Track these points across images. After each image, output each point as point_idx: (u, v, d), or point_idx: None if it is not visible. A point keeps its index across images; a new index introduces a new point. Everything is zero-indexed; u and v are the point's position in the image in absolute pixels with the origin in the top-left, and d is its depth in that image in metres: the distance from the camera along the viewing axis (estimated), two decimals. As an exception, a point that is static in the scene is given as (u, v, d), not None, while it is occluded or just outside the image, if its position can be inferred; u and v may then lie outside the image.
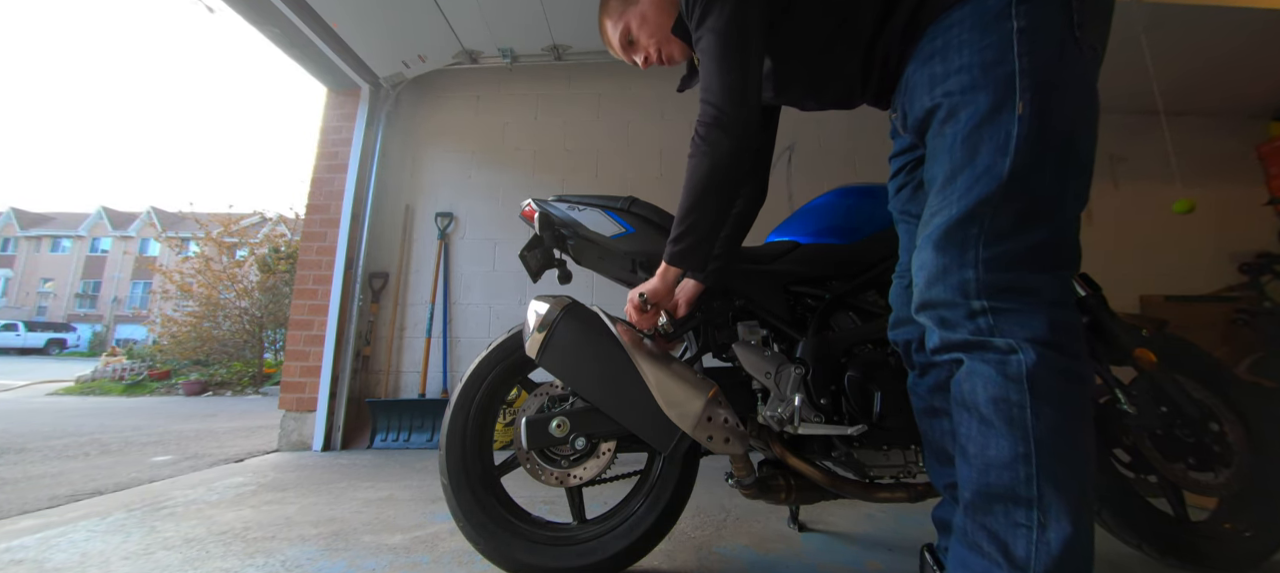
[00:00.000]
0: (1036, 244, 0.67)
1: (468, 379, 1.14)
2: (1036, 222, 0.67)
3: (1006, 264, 0.67)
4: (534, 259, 1.26)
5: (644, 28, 1.03)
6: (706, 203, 0.88)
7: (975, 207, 0.67)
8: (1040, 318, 0.65)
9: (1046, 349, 0.64)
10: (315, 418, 2.77)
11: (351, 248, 2.97)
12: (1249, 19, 2.57)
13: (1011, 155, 0.65)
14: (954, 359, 0.71)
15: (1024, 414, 0.63)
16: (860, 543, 1.32)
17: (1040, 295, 0.66)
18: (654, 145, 3.24)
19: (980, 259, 0.67)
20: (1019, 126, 0.65)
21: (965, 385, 0.69)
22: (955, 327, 0.69)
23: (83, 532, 1.43)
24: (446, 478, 1.09)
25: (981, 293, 0.67)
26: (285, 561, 1.21)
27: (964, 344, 0.68)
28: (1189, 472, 1.09)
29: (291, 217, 12.48)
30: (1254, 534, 1.08)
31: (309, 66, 3.00)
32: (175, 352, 8.68)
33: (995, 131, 0.67)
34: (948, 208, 0.70)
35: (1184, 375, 1.13)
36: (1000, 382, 0.65)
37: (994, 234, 0.67)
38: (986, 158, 0.67)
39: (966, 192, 0.68)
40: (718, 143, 0.84)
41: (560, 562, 1.05)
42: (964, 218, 0.68)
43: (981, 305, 0.67)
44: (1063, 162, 0.67)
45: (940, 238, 0.71)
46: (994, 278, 0.67)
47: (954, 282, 0.69)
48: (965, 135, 0.69)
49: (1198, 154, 3.32)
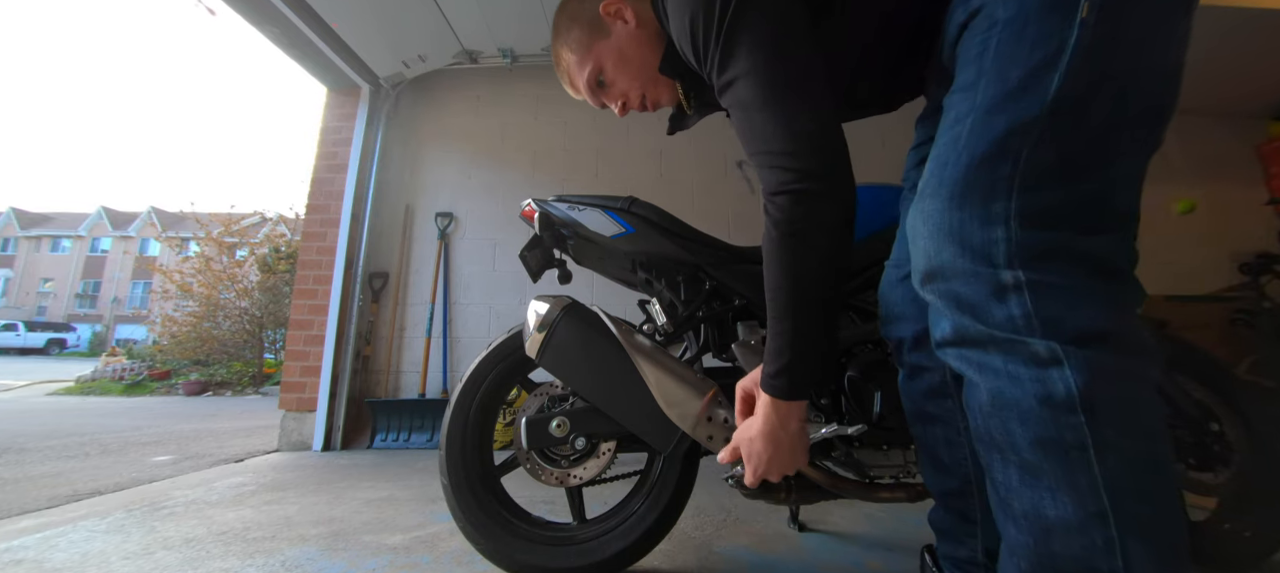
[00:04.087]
0: (1090, 196, 0.49)
1: (468, 379, 1.14)
2: (1089, 166, 0.49)
3: (1050, 219, 0.48)
4: (534, 259, 1.26)
5: (623, 68, 0.83)
6: (817, 307, 0.63)
7: (1007, 136, 0.49)
8: (1097, 299, 0.47)
9: (1105, 349, 0.46)
10: (315, 418, 2.77)
11: (351, 248, 2.97)
12: (1249, 19, 2.57)
13: (1063, 71, 0.48)
14: (963, 361, 0.53)
15: (1087, 457, 0.44)
16: (860, 543, 1.32)
17: (1096, 264, 0.48)
18: (654, 146, 3.24)
19: (1013, 212, 0.49)
20: (1079, 34, 0.47)
21: (990, 419, 0.50)
22: (976, 310, 0.50)
23: (83, 532, 1.43)
24: (446, 478, 1.09)
25: (1016, 260, 0.48)
26: (285, 561, 1.21)
27: (986, 341, 0.50)
28: (1189, 472, 1.09)
29: (291, 217, 12.50)
30: (1254, 534, 1.08)
31: (309, 66, 3.00)
32: (175, 352, 8.69)
33: (1044, 36, 0.49)
34: (966, 139, 0.52)
35: (1184, 375, 1.12)
36: (1044, 415, 0.46)
37: (1033, 177, 0.49)
38: (1028, 70, 0.49)
39: (995, 114, 0.50)
40: (815, 217, 0.61)
41: (560, 562, 1.05)
42: (991, 153, 0.50)
43: (1015, 278, 0.48)
44: (1131, 91, 0.49)
45: (959, 182, 0.52)
46: (1033, 238, 0.48)
47: (976, 243, 0.50)
48: (1002, 39, 0.51)
49: (1198, 154, 3.32)
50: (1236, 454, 1.08)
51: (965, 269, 0.51)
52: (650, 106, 0.87)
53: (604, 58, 0.84)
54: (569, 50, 0.87)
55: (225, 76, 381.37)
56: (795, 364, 0.65)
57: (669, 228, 1.22)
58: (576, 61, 0.86)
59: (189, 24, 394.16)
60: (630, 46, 0.83)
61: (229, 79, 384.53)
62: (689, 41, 0.67)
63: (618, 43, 0.83)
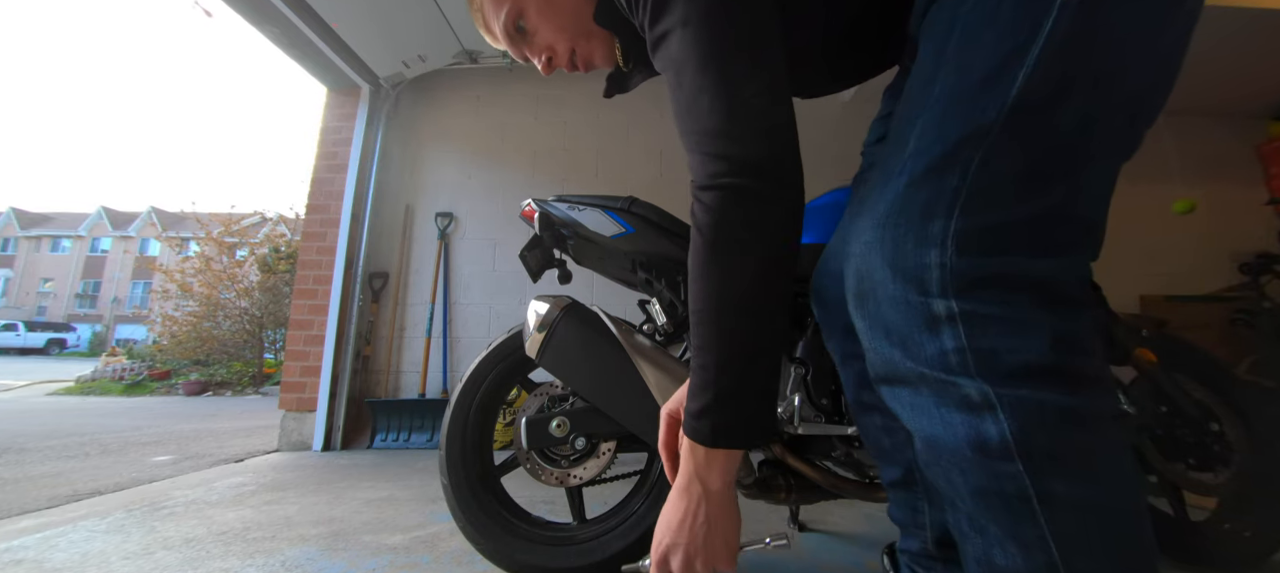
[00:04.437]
0: (1046, 213, 0.42)
1: (468, 379, 1.14)
2: (1051, 178, 0.42)
3: (993, 242, 0.42)
4: (534, 259, 1.26)
5: (547, 15, 0.69)
6: (753, 335, 0.50)
7: (959, 144, 0.42)
8: (1039, 331, 0.40)
9: (1042, 388, 0.40)
10: (315, 418, 2.77)
11: (351, 248, 2.97)
12: (1249, 19, 2.57)
13: (1032, 64, 0.40)
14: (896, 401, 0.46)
15: (1030, 507, 0.39)
16: (860, 543, 1.32)
17: (1043, 292, 0.41)
18: (654, 145, 3.24)
19: (951, 232, 0.42)
20: (1057, 19, 0.39)
21: (929, 466, 0.45)
22: (907, 344, 0.44)
23: (83, 532, 1.43)
24: (446, 478, 1.09)
25: (949, 288, 0.41)
26: (285, 561, 1.21)
27: (917, 379, 0.43)
28: (1189, 472, 1.09)
29: (292, 217, 12.50)
30: (1254, 534, 1.08)
31: (309, 66, 3.00)
32: (175, 352, 8.70)
33: (1018, 19, 0.41)
34: (913, 145, 0.45)
35: (1184, 375, 1.13)
36: (981, 465, 0.40)
37: (981, 192, 0.42)
38: (993, 63, 0.41)
39: (949, 117, 0.43)
40: (757, 222, 0.49)
41: (560, 562, 1.05)
42: (938, 165, 0.43)
43: (947, 309, 0.41)
44: (1106, 88, 0.41)
45: (898, 197, 0.45)
46: (971, 265, 0.41)
47: (907, 268, 0.43)
48: (970, 22, 0.44)
49: (1198, 154, 3.32)
50: (1236, 454, 1.08)
51: (895, 296, 0.44)
52: (582, 66, 0.72)
53: (526, 3, 0.69)
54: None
55: (225, 77, 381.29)
56: (722, 404, 0.51)
57: (669, 228, 1.22)
58: (491, 4, 0.70)
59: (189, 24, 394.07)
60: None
61: (229, 79, 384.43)
62: None
63: None
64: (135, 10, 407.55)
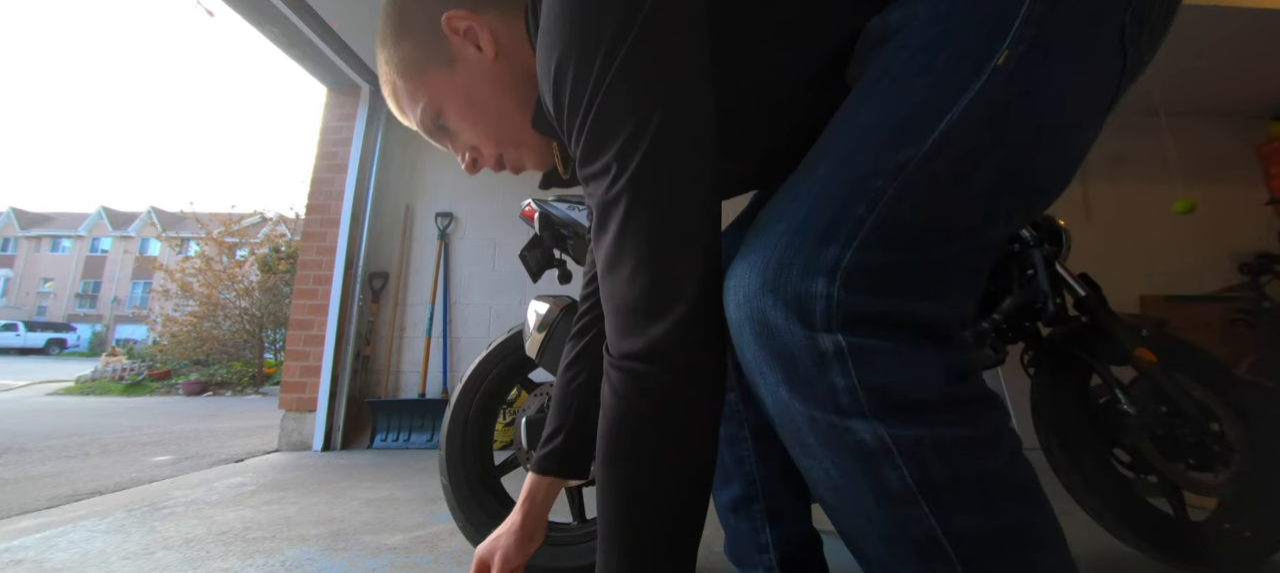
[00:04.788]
0: (936, 265, 0.41)
1: (468, 379, 1.14)
2: (949, 233, 0.41)
3: (887, 284, 0.39)
4: (534, 259, 1.26)
5: (469, 118, 0.59)
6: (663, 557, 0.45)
7: (872, 174, 0.40)
8: (929, 367, 0.39)
9: (935, 423, 0.38)
10: (315, 418, 2.77)
11: (351, 248, 2.97)
12: (1249, 19, 2.57)
13: (960, 111, 0.39)
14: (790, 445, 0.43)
15: (941, 549, 0.37)
16: (860, 543, 1.32)
17: (924, 328, 0.40)
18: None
19: (845, 265, 0.39)
20: (989, 82, 0.39)
21: (834, 514, 0.43)
22: (795, 371, 0.39)
23: (83, 532, 1.43)
24: (446, 478, 1.10)
25: (834, 322, 0.38)
26: (285, 561, 1.21)
27: (808, 422, 0.40)
28: (1189, 472, 1.09)
29: (292, 217, 12.50)
30: (1254, 534, 1.08)
31: (309, 66, 3.00)
32: (175, 351, 8.70)
33: (951, 70, 0.40)
34: (825, 165, 0.43)
35: (1184, 375, 1.13)
36: (885, 510, 0.38)
37: (883, 229, 0.39)
38: (918, 104, 0.40)
39: (865, 144, 0.41)
40: (670, 416, 0.44)
41: (560, 562, 1.05)
42: (848, 190, 0.40)
43: (833, 344, 0.38)
44: (1021, 160, 0.42)
45: (801, 215, 0.41)
46: (860, 302, 0.39)
47: (792, 288, 0.39)
48: (906, 67, 0.42)
49: (1198, 154, 3.32)
50: (1236, 454, 1.08)
51: (779, 325, 0.40)
52: (511, 169, 0.63)
53: (445, 97, 0.58)
54: (395, 71, 0.59)
55: (225, 77, 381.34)
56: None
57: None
58: (406, 90, 0.59)
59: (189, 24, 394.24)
60: (484, 88, 0.57)
61: (229, 79, 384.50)
62: (551, 95, 0.45)
63: (466, 80, 0.56)
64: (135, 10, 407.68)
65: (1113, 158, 3.29)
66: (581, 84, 0.42)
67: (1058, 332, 1.19)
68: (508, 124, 0.59)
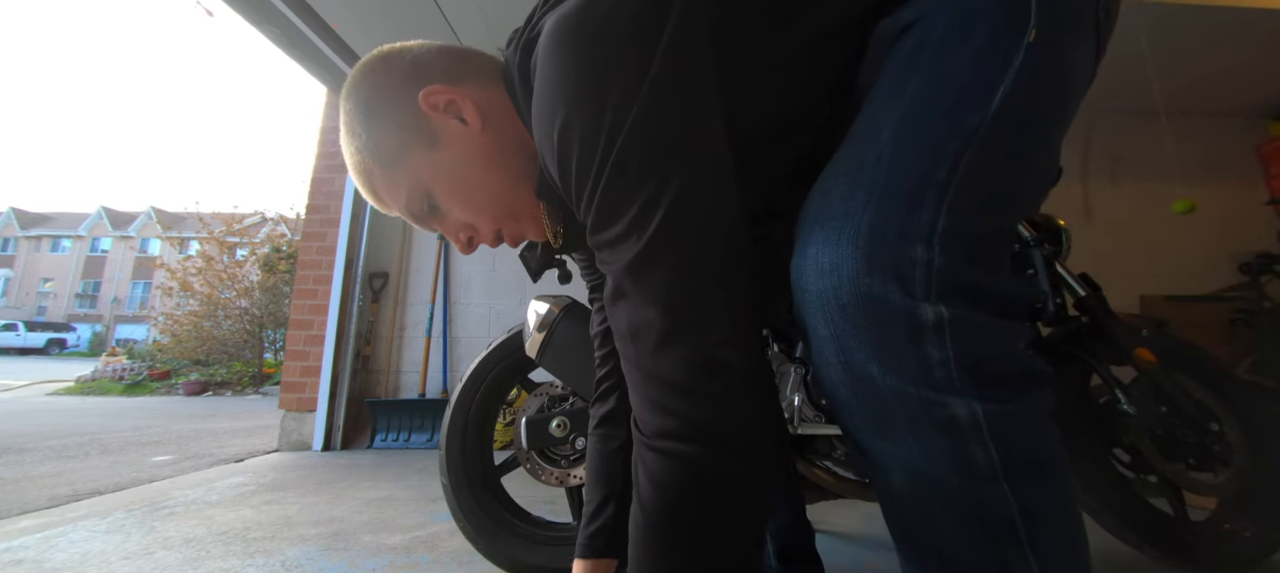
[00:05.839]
0: (1007, 230, 0.43)
1: (468, 379, 1.14)
2: (1012, 199, 0.43)
3: (974, 249, 0.38)
4: (534, 259, 1.26)
5: (460, 199, 0.55)
6: None
7: (946, 137, 0.39)
8: (1013, 338, 0.39)
9: (1014, 397, 0.37)
10: (315, 418, 2.77)
11: (351, 248, 2.97)
12: (1249, 19, 2.57)
13: (1010, 84, 0.39)
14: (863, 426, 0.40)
15: (1014, 530, 0.36)
16: (860, 543, 1.32)
17: (1004, 303, 0.39)
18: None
19: (939, 230, 0.37)
20: (1027, 57, 0.40)
21: (905, 502, 0.39)
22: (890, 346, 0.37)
23: (83, 532, 1.43)
24: (446, 478, 1.09)
25: (935, 292, 0.36)
26: (285, 561, 1.21)
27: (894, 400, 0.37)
28: (1189, 472, 1.09)
29: (292, 216, 12.49)
30: (1254, 534, 1.08)
31: (309, 66, 3.00)
32: (175, 351, 8.70)
33: (992, 49, 0.40)
34: (900, 128, 0.41)
35: (1184, 375, 1.13)
36: (968, 495, 0.36)
37: (969, 193, 0.38)
38: (972, 75, 0.40)
39: (931, 109, 0.40)
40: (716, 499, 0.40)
41: (560, 562, 1.05)
42: (925, 149, 0.39)
43: (934, 315, 0.36)
44: (1053, 132, 0.44)
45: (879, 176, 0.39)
46: (959, 271, 0.37)
47: (890, 254, 0.37)
48: (940, 48, 0.42)
49: (1198, 154, 3.32)
50: (1236, 454, 1.08)
51: (877, 296, 0.36)
52: (510, 243, 0.60)
53: (432, 179, 0.54)
54: (370, 158, 0.54)
55: (225, 76, 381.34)
56: None
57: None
58: (385, 178, 0.54)
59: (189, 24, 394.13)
60: (474, 162, 0.53)
61: (229, 79, 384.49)
62: (556, 163, 0.42)
63: (453, 157, 0.53)
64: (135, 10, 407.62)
65: (1113, 158, 3.29)
66: (589, 149, 0.39)
67: (1057, 332, 1.19)
68: (503, 197, 0.55)
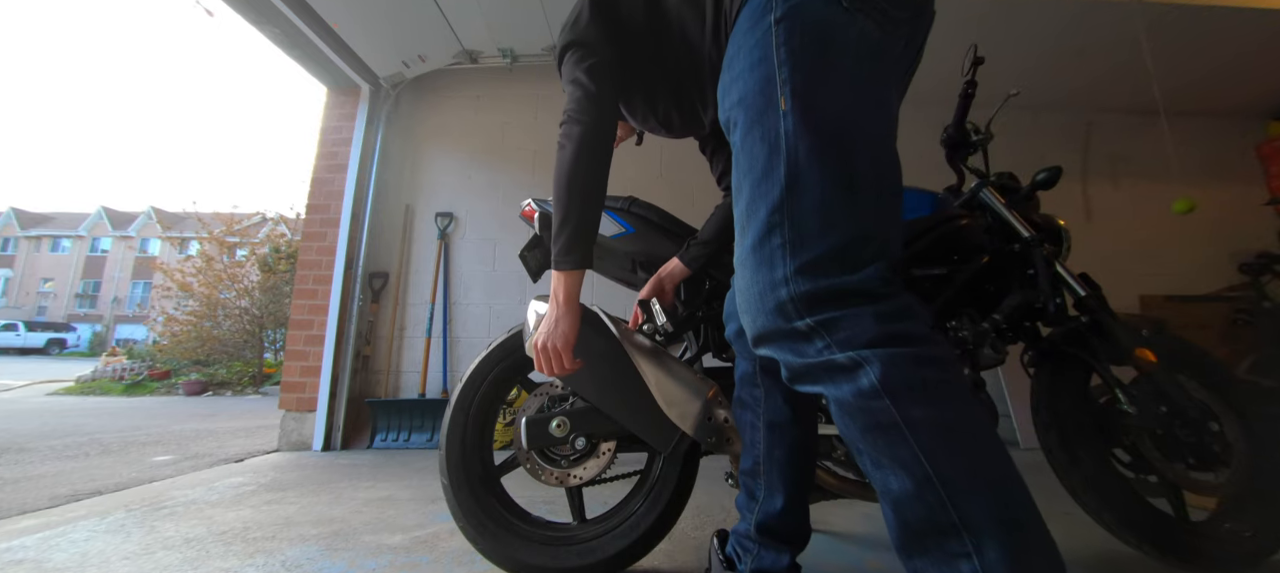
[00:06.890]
0: (841, 245, 0.60)
1: (468, 379, 1.14)
2: (833, 222, 0.60)
3: (816, 271, 0.60)
4: (534, 259, 1.26)
5: None
6: (571, 197, 0.90)
7: (769, 216, 0.62)
8: (866, 318, 0.58)
9: (888, 347, 0.56)
10: (315, 418, 2.77)
11: (351, 248, 2.97)
12: (1249, 19, 2.57)
13: (785, 156, 0.61)
14: (813, 388, 0.63)
15: (901, 434, 0.54)
16: (860, 543, 1.32)
17: (859, 293, 0.59)
18: (654, 145, 3.23)
19: (790, 273, 0.61)
20: (785, 124, 0.62)
21: (842, 426, 0.60)
22: (797, 352, 0.61)
23: (83, 532, 1.43)
24: (446, 478, 1.09)
25: (803, 311, 0.60)
26: (285, 561, 1.21)
27: (812, 369, 0.60)
28: (1189, 472, 1.09)
29: (292, 216, 12.47)
30: (1254, 534, 1.08)
31: (309, 66, 3.00)
32: (175, 351, 8.69)
33: (766, 133, 0.63)
34: (749, 225, 0.65)
35: (1184, 375, 1.13)
36: (862, 408, 0.56)
37: (796, 243, 0.61)
38: (764, 162, 0.63)
39: (757, 202, 0.64)
40: (570, 132, 0.91)
41: (560, 562, 1.05)
42: (763, 233, 0.63)
43: (807, 325, 0.60)
44: (844, 153, 0.61)
45: (750, 260, 0.65)
46: (808, 290, 0.60)
47: (771, 306, 0.62)
48: (744, 143, 0.66)
49: (1198, 154, 3.32)
50: (1237, 455, 1.08)
51: (777, 329, 0.62)
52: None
53: None
54: None
55: (226, 76, 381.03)
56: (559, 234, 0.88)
57: (668, 228, 1.22)
58: None
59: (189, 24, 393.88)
60: None
61: (229, 79, 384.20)
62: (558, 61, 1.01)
63: None
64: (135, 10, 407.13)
65: (1113, 158, 3.29)
66: None
67: (1058, 332, 1.19)
68: None
